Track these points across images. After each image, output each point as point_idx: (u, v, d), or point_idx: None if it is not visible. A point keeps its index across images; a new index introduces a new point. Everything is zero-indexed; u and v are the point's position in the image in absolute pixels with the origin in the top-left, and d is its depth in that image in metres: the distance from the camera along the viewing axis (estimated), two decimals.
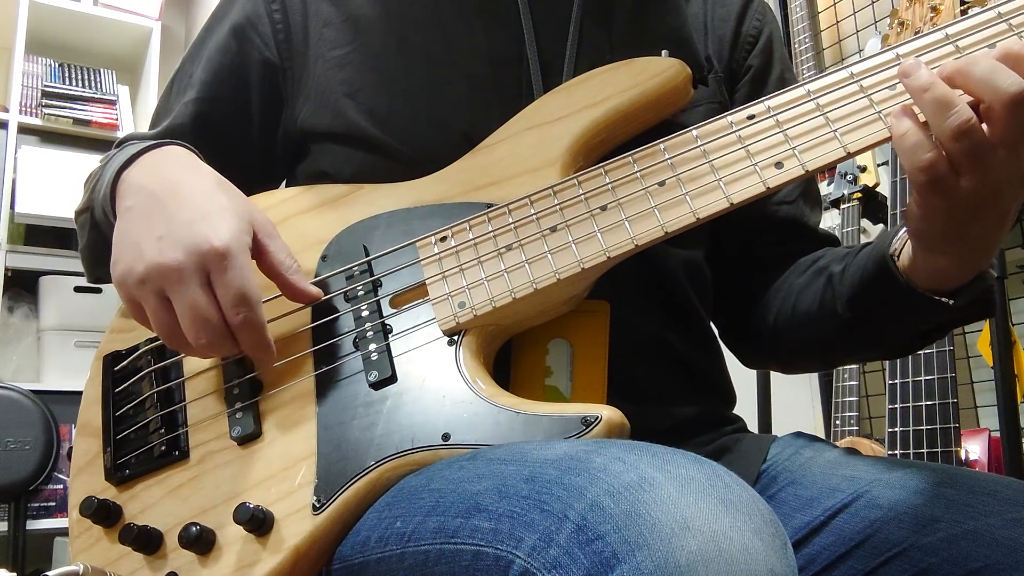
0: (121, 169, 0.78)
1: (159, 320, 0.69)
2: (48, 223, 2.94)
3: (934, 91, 0.61)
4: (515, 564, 0.51)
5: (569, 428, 0.63)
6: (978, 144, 0.59)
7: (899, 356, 0.89)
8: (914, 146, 0.62)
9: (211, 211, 0.70)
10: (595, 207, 0.72)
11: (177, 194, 0.72)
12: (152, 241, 0.69)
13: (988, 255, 0.69)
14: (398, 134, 0.83)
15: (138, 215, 0.72)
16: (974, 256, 0.68)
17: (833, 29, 2.38)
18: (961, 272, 0.69)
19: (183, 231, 0.68)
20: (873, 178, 1.91)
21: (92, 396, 0.82)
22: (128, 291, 0.70)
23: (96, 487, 0.78)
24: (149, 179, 0.75)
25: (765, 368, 1.04)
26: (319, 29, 0.88)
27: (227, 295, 0.67)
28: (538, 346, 0.77)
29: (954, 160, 0.61)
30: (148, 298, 0.69)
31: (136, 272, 0.69)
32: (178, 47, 3.73)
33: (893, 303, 0.73)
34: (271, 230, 0.73)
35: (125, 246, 0.71)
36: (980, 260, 0.69)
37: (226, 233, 0.68)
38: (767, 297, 0.90)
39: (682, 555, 0.45)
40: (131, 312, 0.72)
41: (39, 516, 2.61)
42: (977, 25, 0.67)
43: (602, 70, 0.79)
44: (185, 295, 0.67)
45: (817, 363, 0.97)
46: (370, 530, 0.65)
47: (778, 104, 0.71)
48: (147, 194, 0.73)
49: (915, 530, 0.66)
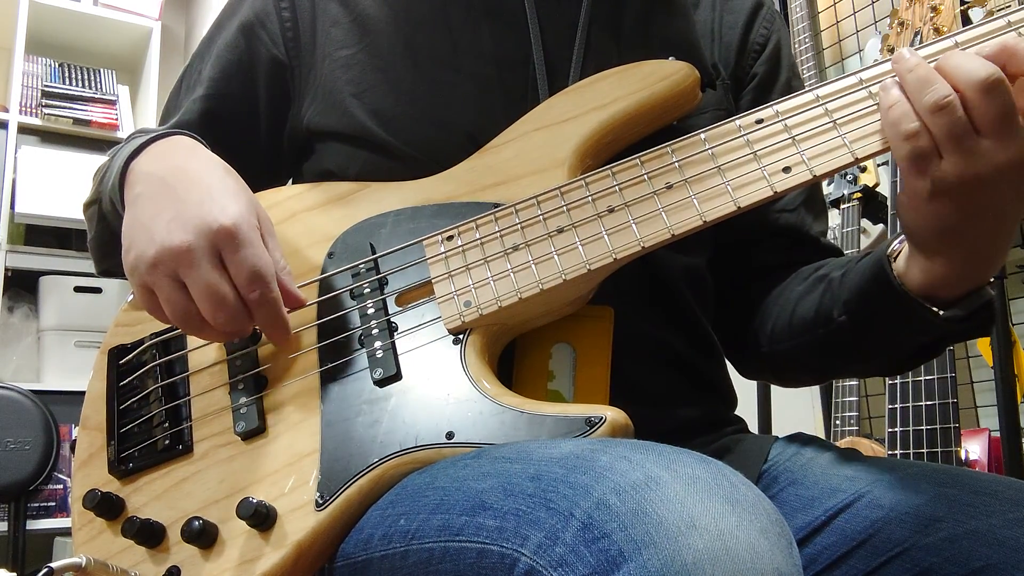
0: (129, 159, 0.78)
1: (173, 303, 0.69)
2: (48, 223, 2.94)
3: (918, 72, 0.63)
4: (520, 562, 0.51)
5: (573, 429, 0.63)
6: (957, 123, 0.61)
7: (895, 372, 0.87)
8: (899, 117, 0.63)
9: (219, 192, 0.70)
10: (602, 209, 0.72)
11: (185, 178, 0.72)
12: (162, 225, 0.69)
13: (985, 266, 0.68)
14: (403, 135, 0.83)
15: (147, 201, 0.72)
16: (970, 263, 0.67)
17: (833, 29, 2.38)
18: (957, 281, 0.68)
19: (192, 212, 0.68)
20: (873, 178, 1.91)
21: (96, 390, 0.82)
22: (141, 277, 0.70)
23: (99, 480, 0.78)
24: (157, 166, 0.75)
25: (762, 379, 1.02)
26: (327, 28, 0.89)
27: (241, 273, 0.67)
28: (541, 350, 0.77)
29: (936, 137, 0.62)
30: (161, 282, 0.69)
31: (148, 256, 0.69)
32: (178, 47, 3.73)
33: (886, 308, 0.72)
34: (270, 227, 0.73)
35: (136, 232, 0.71)
36: (977, 271, 0.68)
37: (235, 212, 0.68)
38: (766, 305, 0.90)
39: (688, 554, 0.45)
40: (143, 301, 0.72)
41: (39, 516, 2.61)
42: (988, 33, 0.67)
43: (611, 72, 0.79)
44: (199, 276, 0.67)
45: (812, 374, 0.94)
46: (373, 527, 0.65)
47: (787, 109, 0.71)
48: (156, 180, 0.73)
49: (916, 530, 0.66)
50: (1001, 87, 0.60)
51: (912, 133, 0.62)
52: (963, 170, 0.61)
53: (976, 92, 0.60)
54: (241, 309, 0.68)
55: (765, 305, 0.90)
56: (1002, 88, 0.60)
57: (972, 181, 0.61)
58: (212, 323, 0.68)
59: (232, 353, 0.77)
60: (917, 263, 0.69)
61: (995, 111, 0.60)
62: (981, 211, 0.63)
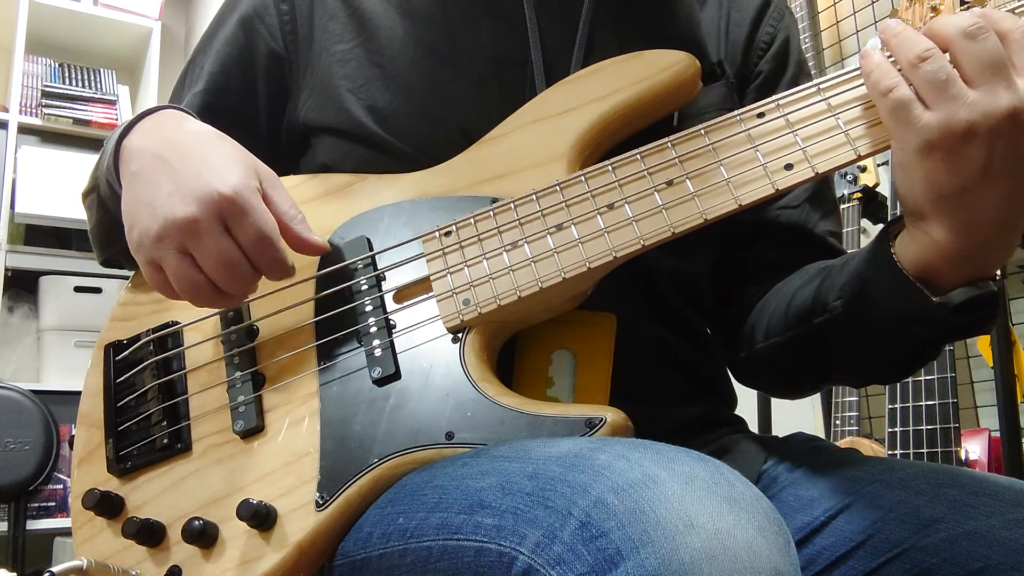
0: (120, 139, 0.78)
1: (181, 275, 0.69)
2: (48, 223, 2.94)
3: (903, 35, 0.63)
4: (518, 560, 0.51)
5: (573, 430, 0.63)
6: (940, 71, 0.60)
7: (891, 377, 0.82)
8: (880, 75, 0.63)
9: (217, 160, 0.70)
10: (602, 205, 0.71)
11: (179, 150, 0.72)
12: (163, 199, 0.69)
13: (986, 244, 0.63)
14: (398, 132, 0.83)
15: (145, 177, 0.72)
16: (969, 236, 0.62)
17: (833, 29, 2.38)
18: (957, 260, 0.63)
19: (192, 184, 0.68)
20: (873, 178, 1.91)
21: (93, 386, 0.82)
22: (147, 253, 0.70)
23: (98, 478, 0.78)
24: (149, 141, 0.75)
25: (760, 386, 0.98)
26: (324, 22, 0.88)
27: (248, 238, 0.68)
28: (542, 356, 0.77)
29: (919, 88, 0.61)
30: (168, 256, 0.69)
31: (152, 231, 0.69)
32: (178, 47, 3.73)
33: (881, 290, 0.69)
34: (275, 180, 0.74)
35: (137, 210, 0.71)
36: (977, 249, 0.63)
37: (235, 179, 0.69)
38: (764, 302, 0.88)
39: (686, 552, 0.45)
40: (150, 277, 0.72)
41: (39, 516, 2.62)
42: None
43: (611, 62, 0.78)
44: (208, 246, 0.68)
45: (805, 376, 0.88)
46: (372, 526, 0.65)
47: (789, 103, 0.70)
48: (150, 155, 0.73)
49: (916, 530, 0.65)
50: (986, 33, 0.59)
51: (892, 86, 0.62)
52: (949, 119, 0.59)
53: (962, 39, 0.59)
54: (252, 271, 0.70)
55: (764, 302, 0.88)
56: (988, 34, 0.59)
57: (961, 132, 0.58)
58: (227, 289, 0.69)
59: (230, 350, 0.77)
60: (913, 236, 0.65)
61: (983, 56, 0.59)
62: (975, 171, 0.59)
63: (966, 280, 0.65)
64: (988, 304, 0.66)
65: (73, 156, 3.04)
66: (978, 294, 0.65)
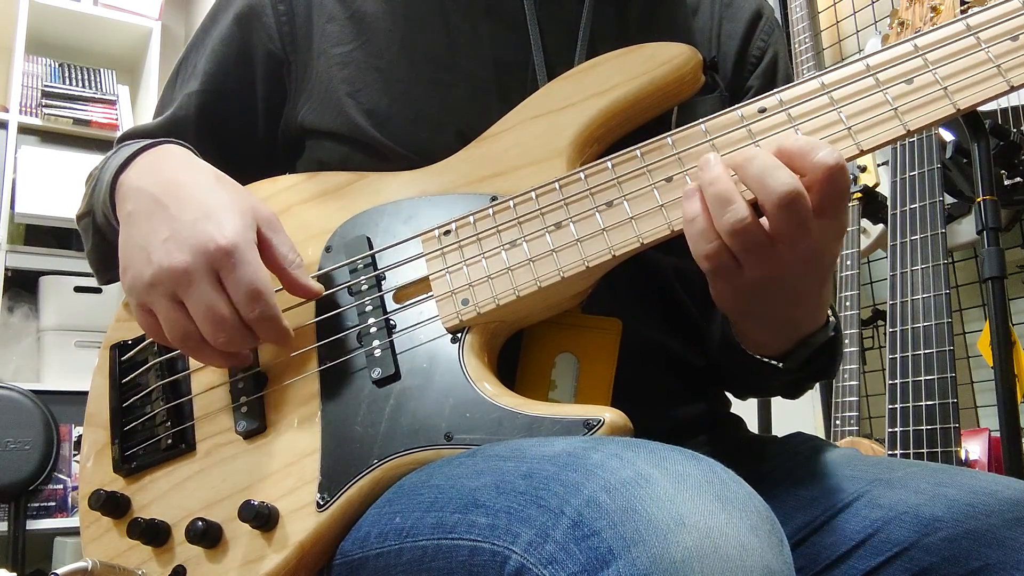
0: (118, 172, 0.78)
1: (172, 323, 0.69)
2: (48, 223, 2.95)
3: (716, 186, 0.63)
4: (511, 559, 0.51)
5: (572, 430, 0.63)
6: (754, 240, 0.62)
7: (794, 396, 0.91)
8: (699, 234, 0.65)
9: (214, 208, 0.70)
10: (601, 203, 0.71)
11: (177, 194, 0.72)
12: (158, 244, 0.69)
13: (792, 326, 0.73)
14: (397, 136, 0.82)
15: (141, 219, 0.72)
16: (780, 331, 0.74)
17: (833, 29, 2.38)
18: (777, 342, 0.75)
19: (188, 231, 0.68)
20: (873, 178, 1.91)
21: (100, 386, 0.82)
22: (139, 297, 0.70)
23: (105, 478, 0.78)
24: (147, 181, 0.75)
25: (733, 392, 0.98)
26: (323, 24, 0.87)
27: (239, 293, 0.67)
28: (546, 359, 0.76)
29: (735, 253, 0.63)
30: (160, 302, 0.69)
31: (145, 277, 0.69)
32: (178, 47, 3.72)
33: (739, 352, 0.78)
34: (275, 223, 0.73)
35: (132, 253, 0.71)
36: (790, 333, 0.74)
37: (231, 230, 0.68)
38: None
39: (677, 551, 0.45)
40: (142, 321, 0.72)
41: (39, 516, 2.62)
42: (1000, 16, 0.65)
43: (612, 55, 0.77)
44: (198, 296, 0.67)
45: (737, 388, 0.95)
46: (370, 526, 0.65)
47: (791, 98, 0.69)
48: (147, 196, 0.73)
49: (916, 530, 0.66)
50: (800, 201, 0.61)
51: (714, 252, 0.64)
52: (761, 275, 0.65)
53: (775, 206, 0.61)
54: (241, 327, 0.68)
55: None
56: (801, 202, 0.61)
57: (767, 280, 0.66)
58: (212, 343, 0.68)
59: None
60: (738, 329, 0.76)
61: (793, 223, 0.61)
62: (775, 297, 0.68)
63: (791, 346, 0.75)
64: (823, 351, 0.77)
65: (73, 156, 3.04)
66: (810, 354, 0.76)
